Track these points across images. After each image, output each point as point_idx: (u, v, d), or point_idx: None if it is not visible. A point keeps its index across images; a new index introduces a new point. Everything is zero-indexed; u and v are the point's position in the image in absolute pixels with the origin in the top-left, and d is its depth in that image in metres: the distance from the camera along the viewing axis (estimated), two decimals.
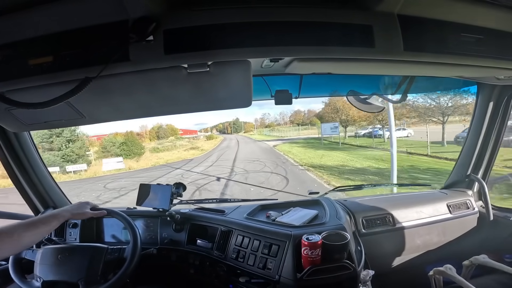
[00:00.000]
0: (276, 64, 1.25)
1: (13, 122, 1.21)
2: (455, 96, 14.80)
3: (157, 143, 37.22)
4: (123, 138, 26.59)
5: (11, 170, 1.74)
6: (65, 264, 1.32)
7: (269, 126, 62.45)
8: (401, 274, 1.87)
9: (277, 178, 11.26)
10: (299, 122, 55.23)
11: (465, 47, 1.04)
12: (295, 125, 54.87)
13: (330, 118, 39.58)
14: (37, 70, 0.89)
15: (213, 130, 73.14)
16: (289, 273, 1.28)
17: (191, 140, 42.45)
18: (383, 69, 1.32)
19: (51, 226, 1.24)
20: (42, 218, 1.22)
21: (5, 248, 1.07)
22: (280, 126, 59.05)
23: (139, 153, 25.45)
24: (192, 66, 0.98)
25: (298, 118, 58.20)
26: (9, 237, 1.07)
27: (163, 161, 22.23)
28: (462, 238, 1.93)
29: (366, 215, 1.80)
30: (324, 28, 0.94)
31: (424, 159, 13.45)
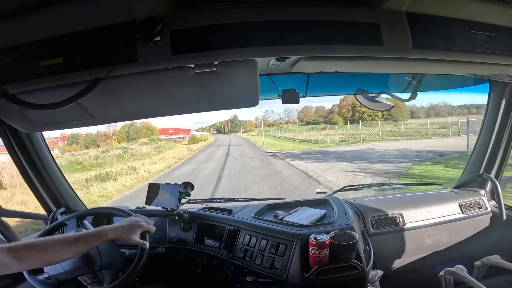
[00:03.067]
0: (282, 63, 1.25)
1: (26, 123, 1.24)
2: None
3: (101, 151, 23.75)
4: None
5: (24, 170, 1.78)
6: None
7: (274, 125, 51.28)
8: (411, 274, 1.84)
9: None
10: (309, 120, 46.78)
11: (476, 45, 1.02)
12: (304, 124, 46.66)
13: (349, 114, 38.04)
14: (48, 72, 0.91)
15: (211, 129, 64.86)
16: (296, 272, 1.28)
17: (168, 142, 33.20)
18: (392, 67, 1.30)
19: (93, 245, 1.15)
20: (85, 235, 1.13)
21: (34, 262, 1.02)
22: (286, 125, 50.12)
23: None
24: (199, 66, 0.99)
25: (308, 116, 48.50)
26: (42, 253, 1.01)
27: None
28: (474, 238, 1.89)
29: (375, 214, 1.77)
30: (331, 26, 0.93)
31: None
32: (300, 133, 34.65)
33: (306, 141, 28.32)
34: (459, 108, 33.38)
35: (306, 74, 1.55)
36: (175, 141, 36.08)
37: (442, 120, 27.73)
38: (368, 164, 12.06)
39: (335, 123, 38.47)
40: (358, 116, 35.80)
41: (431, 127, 23.99)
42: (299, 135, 32.91)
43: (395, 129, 24.99)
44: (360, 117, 35.06)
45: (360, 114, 35.84)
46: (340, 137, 26.47)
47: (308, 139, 28.74)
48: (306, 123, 45.97)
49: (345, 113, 38.12)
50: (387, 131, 25.95)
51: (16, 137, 1.67)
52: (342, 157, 14.37)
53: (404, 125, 26.29)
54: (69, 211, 1.94)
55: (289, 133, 37.40)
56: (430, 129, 23.84)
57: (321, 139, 26.21)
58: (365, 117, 35.18)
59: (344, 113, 38.41)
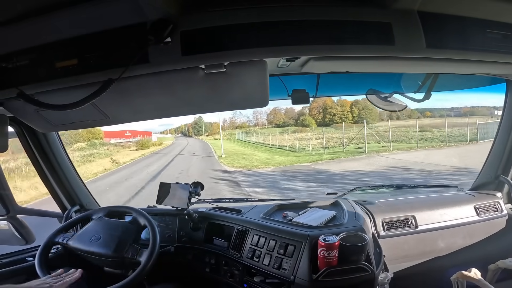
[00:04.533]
0: (292, 64, 1.25)
1: (42, 122, 1.28)
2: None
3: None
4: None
5: (40, 169, 1.84)
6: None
7: (242, 127, 44.39)
8: (422, 277, 1.80)
9: None
10: (279, 123, 41.59)
11: (492, 44, 0.99)
12: (274, 126, 41.06)
13: (320, 116, 35.83)
14: (64, 73, 0.94)
15: (177, 132, 59.66)
16: (304, 274, 1.27)
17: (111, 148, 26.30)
18: (405, 67, 1.28)
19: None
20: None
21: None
22: (255, 127, 43.17)
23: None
24: (209, 66, 1.00)
25: (277, 118, 43.23)
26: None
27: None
28: (488, 241, 1.84)
29: (386, 216, 1.75)
30: (341, 26, 0.92)
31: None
32: (270, 136, 28.74)
33: (279, 147, 22.49)
34: (417, 111, 33.93)
35: (316, 74, 1.54)
36: (123, 146, 30.29)
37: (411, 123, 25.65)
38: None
39: (307, 125, 35.23)
40: (329, 118, 34.77)
41: (406, 131, 21.17)
42: (269, 139, 27.25)
43: (371, 132, 21.18)
44: (331, 119, 34.32)
45: (331, 116, 34.80)
46: (318, 143, 21.50)
47: (281, 145, 23.02)
48: (276, 125, 41.27)
49: (315, 115, 36.22)
50: (368, 134, 20.07)
51: (33, 136, 1.73)
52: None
53: (375, 128, 23.55)
54: (83, 209, 1.99)
55: (258, 137, 31.14)
56: (410, 132, 20.77)
57: (298, 145, 21.13)
58: (336, 119, 34.13)
59: (315, 115, 36.38)
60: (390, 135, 18.66)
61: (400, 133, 21.15)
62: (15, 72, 0.95)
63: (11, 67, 0.95)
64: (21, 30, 0.89)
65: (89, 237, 1.46)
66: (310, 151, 18.95)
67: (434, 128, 21.71)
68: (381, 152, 16.18)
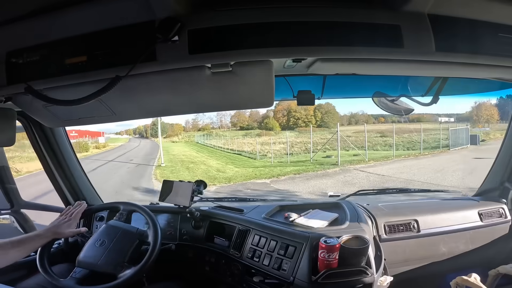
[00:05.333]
0: (298, 65, 1.24)
1: (50, 118, 1.29)
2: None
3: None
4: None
5: (46, 163, 1.86)
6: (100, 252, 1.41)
7: (205, 129, 41.26)
8: (422, 281, 1.80)
9: None
10: (244, 125, 39.18)
11: (503, 48, 0.98)
12: (238, 129, 38.25)
13: (284, 119, 34.93)
14: (73, 69, 0.95)
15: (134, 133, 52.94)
16: (304, 275, 1.27)
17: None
18: (413, 70, 1.27)
19: (38, 244, 1.34)
20: (29, 237, 1.31)
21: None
22: (218, 130, 40.86)
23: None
24: (215, 66, 1.00)
25: (241, 120, 40.51)
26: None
27: None
28: (491, 247, 1.83)
29: (388, 220, 1.74)
30: (349, 28, 0.92)
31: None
32: (232, 139, 26.87)
33: (238, 153, 20.57)
34: (373, 117, 35.13)
35: (323, 75, 1.53)
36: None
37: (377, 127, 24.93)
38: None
39: (271, 128, 34.27)
40: (293, 122, 34.34)
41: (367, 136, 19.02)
42: (230, 142, 25.12)
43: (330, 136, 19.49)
44: (295, 123, 33.97)
45: (295, 120, 34.40)
46: (282, 148, 19.36)
47: (241, 150, 21.14)
48: (240, 128, 38.83)
49: (280, 118, 35.52)
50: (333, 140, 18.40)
51: (40, 131, 1.75)
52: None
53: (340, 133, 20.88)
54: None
55: (219, 140, 28.63)
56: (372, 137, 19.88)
57: (259, 150, 19.15)
58: (300, 123, 33.89)
59: (279, 118, 35.65)
60: (365, 142, 16.61)
61: (363, 139, 19.85)
62: (25, 67, 0.96)
63: (21, 62, 0.96)
64: (32, 26, 0.90)
65: (92, 243, 1.45)
66: (272, 159, 16.54)
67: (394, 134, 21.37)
68: (355, 163, 13.80)
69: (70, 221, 1.45)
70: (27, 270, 1.53)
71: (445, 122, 28.20)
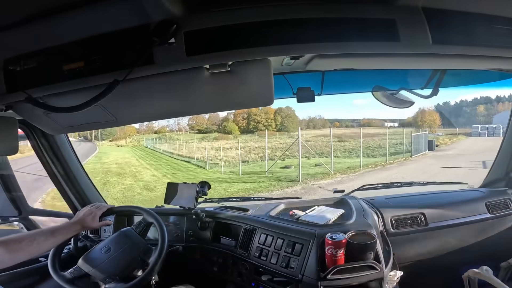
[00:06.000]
0: (296, 62, 1.24)
1: (51, 125, 1.30)
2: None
3: None
4: None
5: (51, 170, 1.87)
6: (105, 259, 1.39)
7: (159, 132, 37.61)
8: (432, 275, 1.78)
9: None
10: (201, 128, 37.85)
11: (498, 39, 0.98)
12: (196, 132, 37.10)
13: (244, 123, 34.70)
14: (71, 75, 0.95)
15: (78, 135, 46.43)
16: (312, 272, 1.27)
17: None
18: (411, 63, 1.27)
19: (67, 236, 1.35)
20: (60, 228, 1.33)
21: (23, 254, 1.16)
22: (175, 133, 38.10)
23: None
24: (213, 66, 1.00)
25: (200, 123, 38.92)
26: (29, 245, 1.17)
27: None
28: (500, 239, 1.81)
29: (395, 214, 1.73)
30: (345, 23, 0.92)
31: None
32: (187, 143, 24.30)
33: (187, 160, 18.62)
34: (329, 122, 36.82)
35: (321, 72, 1.53)
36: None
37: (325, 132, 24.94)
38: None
39: (230, 132, 33.42)
40: (253, 125, 34.06)
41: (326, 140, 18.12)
42: (182, 147, 22.59)
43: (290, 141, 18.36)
44: (255, 127, 33.66)
45: (255, 123, 34.18)
46: (237, 154, 17.08)
47: (190, 157, 18.96)
48: (198, 131, 37.66)
49: (240, 121, 35.17)
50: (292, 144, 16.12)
51: (42, 138, 1.76)
52: None
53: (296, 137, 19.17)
54: None
55: (171, 144, 25.55)
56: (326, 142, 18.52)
57: (211, 156, 17.73)
58: (260, 126, 33.65)
59: (239, 121, 35.48)
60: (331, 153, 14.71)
61: (322, 143, 19.78)
62: (23, 75, 0.97)
63: (19, 70, 0.97)
64: (28, 33, 0.91)
65: (100, 248, 1.44)
66: (223, 168, 14.56)
67: (351, 139, 21.15)
68: (319, 178, 11.68)
69: (95, 214, 1.46)
70: (39, 276, 1.54)
71: (391, 127, 29.82)
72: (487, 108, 32.67)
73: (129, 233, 1.48)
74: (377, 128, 27.59)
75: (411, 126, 29.64)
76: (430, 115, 32.56)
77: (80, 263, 1.38)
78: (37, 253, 1.23)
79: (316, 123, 38.33)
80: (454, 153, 15.52)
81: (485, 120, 29.64)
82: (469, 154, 14.53)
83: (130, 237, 1.46)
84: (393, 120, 35.43)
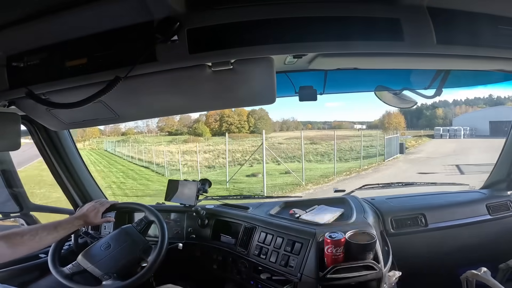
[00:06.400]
0: (299, 60, 1.24)
1: (53, 121, 1.30)
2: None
3: None
4: None
5: (52, 166, 1.88)
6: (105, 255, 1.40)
7: (126, 134, 34.84)
8: (431, 276, 1.78)
9: None
10: (172, 130, 35.60)
11: (504, 40, 0.97)
12: (166, 134, 34.58)
13: (216, 125, 33.57)
14: (74, 72, 0.95)
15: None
16: (311, 271, 1.27)
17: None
18: (414, 63, 1.26)
19: (69, 230, 1.36)
20: (62, 222, 1.33)
21: (25, 249, 1.17)
22: (144, 135, 35.71)
23: None
24: (216, 64, 1.00)
25: (169, 125, 36.27)
26: (31, 240, 1.18)
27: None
28: (500, 241, 1.80)
29: (395, 214, 1.73)
30: (348, 22, 0.92)
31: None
32: (154, 146, 22.49)
33: (146, 165, 16.87)
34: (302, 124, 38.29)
35: (324, 71, 1.52)
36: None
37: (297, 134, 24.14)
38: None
39: (201, 134, 31.80)
40: (225, 127, 32.98)
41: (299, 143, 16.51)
42: (146, 151, 20.41)
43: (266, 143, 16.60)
44: (227, 129, 32.68)
45: (228, 125, 33.44)
46: (206, 158, 16.43)
47: (151, 162, 17.29)
48: (168, 133, 35.45)
49: (212, 123, 34.25)
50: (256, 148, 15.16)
51: (45, 134, 1.77)
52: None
53: (270, 139, 20.43)
54: None
55: (136, 147, 22.84)
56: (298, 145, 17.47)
57: (175, 160, 16.46)
58: (233, 128, 33.59)
59: (211, 123, 34.45)
60: (302, 161, 12.99)
61: (295, 146, 19.16)
62: (26, 71, 0.97)
63: (22, 66, 0.97)
64: (31, 30, 0.91)
65: (100, 244, 1.46)
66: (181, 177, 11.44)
67: (322, 141, 20.68)
68: (288, 189, 10.61)
69: (97, 209, 1.47)
70: (39, 272, 1.55)
71: (360, 129, 30.34)
72: (445, 111, 34.75)
73: (129, 231, 1.49)
74: (348, 130, 28.32)
75: (377, 128, 30.58)
76: (396, 117, 33.54)
77: (79, 259, 1.38)
78: (38, 247, 1.24)
79: (289, 125, 38.81)
80: (425, 156, 15.34)
81: (444, 122, 32.16)
82: (439, 158, 14.59)
83: (130, 234, 1.47)
84: (362, 123, 37.01)
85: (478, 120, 25.86)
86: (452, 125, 28.18)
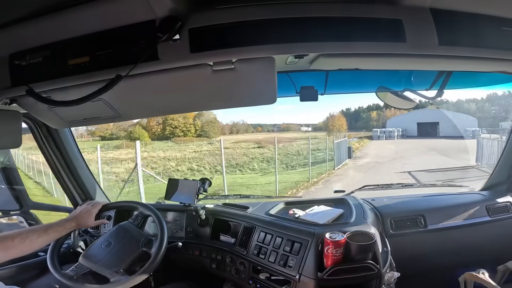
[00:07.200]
0: (301, 61, 1.24)
1: (54, 119, 1.31)
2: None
3: None
4: None
5: (53, 164, 1.88)
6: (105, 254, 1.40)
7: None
8: (430, 277, 1.78)
9: None
10: (105, 135, 30.96)
11: (507, 41, 0.97)
12: (98, 139, 29.75)
13: (159, 128, 31.47)
14: (75, 70, 0.96)
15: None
16: (310, 271, 1.27)
17: None
18: (416, 64, 1.26)
19: (61, 233, 1.36)
20: (54, 226, 1.33)
21: (16, 252, 1.18)
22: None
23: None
24: (217, 63, 1.00)
25: (102, 129, 31.24)
26: (22, 242, 1.18)
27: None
28: (499, 243, 1.80)
29: (395, 215, 1.73)
30: (350, 23, 0.91)
31: None
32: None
33: (38, 181, 11.20)
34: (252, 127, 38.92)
35: (325, 71, 1.52)
36: None
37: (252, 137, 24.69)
38: None
39: (138, 138, 27.07)
40: (169, 131, 31.35)
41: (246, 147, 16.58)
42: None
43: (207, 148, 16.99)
44: (172, 132, 31.20)
45: (172, 129, 31.53)
46: (128, 169, 12.84)
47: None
48: (101, 137, 30.86)
49: (154, 127, 31.82)
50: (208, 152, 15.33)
51: (46, 132, 1.77)
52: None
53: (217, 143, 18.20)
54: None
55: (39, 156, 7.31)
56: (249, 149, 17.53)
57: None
58: (177, 132, 31.58)
59: (153, 126, 31.83)
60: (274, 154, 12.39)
61: (240, 151, 18.37)
62: (28, 69, 0.98)
63: (24, 64, 0.97)
64: (33, 28, 0.91)
65: (100, 243, 1.46)
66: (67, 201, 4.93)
67: (270, 144, 19.59)
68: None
69: (90, 211, 1.46)
70: (38, 271, 1.55)
71: (306, 131, 31.93)
72: (378, 113, 37.70)
73: (127, 227, 1.50)
74: (295, 132, 28.97)
75: (322, 130, 31.31)
76: (339, 119, 34.27)
77: (81, 260, 1.39)
78: (30, 250, 1.24)
79: (239, 128, 38.77)
80: (373, 161, 15.06)
81: (377, 124, 35.30)
82: (386, 162, 14.64)
83: (128, 230, 1.48)
84: (307, 125, 38.04)
85: (407, 122, 29.38)
86: (386, 126, 31.26)
